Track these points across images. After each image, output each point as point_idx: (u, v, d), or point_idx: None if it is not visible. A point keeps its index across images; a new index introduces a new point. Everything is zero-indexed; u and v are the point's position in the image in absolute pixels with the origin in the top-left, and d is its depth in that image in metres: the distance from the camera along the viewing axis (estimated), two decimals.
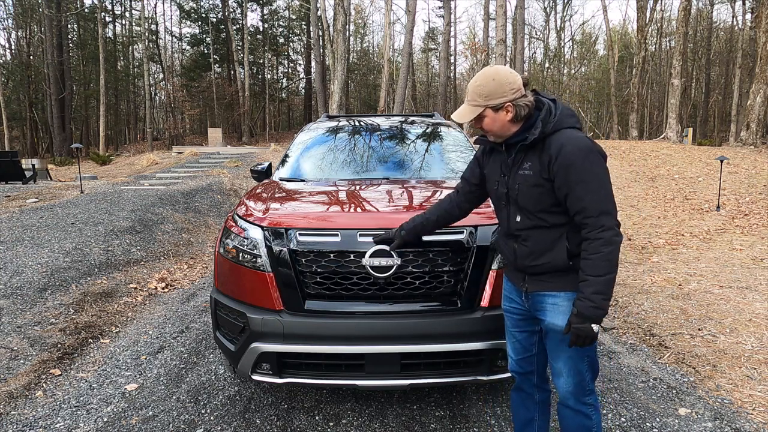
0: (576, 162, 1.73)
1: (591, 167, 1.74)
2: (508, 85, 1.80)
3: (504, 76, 1.81)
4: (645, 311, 4.38)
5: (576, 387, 1.95)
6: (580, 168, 1.73)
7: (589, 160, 1.74)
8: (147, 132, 29.15)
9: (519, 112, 1.82)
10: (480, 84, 1.83)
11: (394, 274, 2.32)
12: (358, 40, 45.48)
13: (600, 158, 1.77)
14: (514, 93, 1.81)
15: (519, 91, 1.82)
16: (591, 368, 1.96)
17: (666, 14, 35.32)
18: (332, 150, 3.90)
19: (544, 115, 1.83)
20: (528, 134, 1.84)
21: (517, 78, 1.83)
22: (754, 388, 3.03)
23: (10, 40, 33.98)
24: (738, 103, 26.13)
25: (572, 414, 1.99)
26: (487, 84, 1.81)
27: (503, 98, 1.80)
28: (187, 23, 38.11)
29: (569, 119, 1.84)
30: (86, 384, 3.19)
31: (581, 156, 1.73)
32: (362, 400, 2.91)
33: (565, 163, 1.74)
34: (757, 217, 8.34)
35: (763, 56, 16.58)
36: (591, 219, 1.73)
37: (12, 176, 12.18)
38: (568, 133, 1.79)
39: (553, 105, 1.87)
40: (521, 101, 1.82)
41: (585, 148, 1.75)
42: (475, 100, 1.84)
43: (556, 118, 1.82)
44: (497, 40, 21.55)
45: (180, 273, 5.95)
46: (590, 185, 1.73)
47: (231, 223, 2.72)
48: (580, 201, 1.74)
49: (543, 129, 1.81)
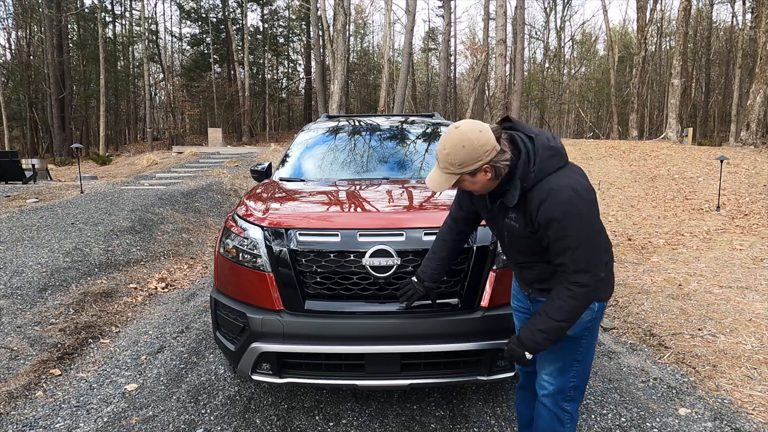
0: (555, 218, 1.66)
1: (571, 223, 1.66)
2: (480, 148, 1.66)
3: (474, 140, 1.66)
4: (645, 311, 4.38)
5: (557, 389, 1.95)
6: (558, 226, 1.67)
7: (569, 216, 1.66)
8: (147, 132, 29.14)
9: (498, 173, 1.71)
10: (449, 153, 1.69)
11: (394, 274, 2.32)
12: (358, 40, 45.50)
13: (582, 210, 1.67)
14: (489, 154, 1.67)
15: (494, 149, 1.67)
16: (578, 377, 1.96)
17: (666, 14, 35.34)
18: (332, 150, 3.90)
19: (522, 170, 1.70)
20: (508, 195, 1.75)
21: (488, 137, 1.67)
22: (754, 388, 3.03)
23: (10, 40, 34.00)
24: (738, 103, 26.12)
25: (547, 413, 1.99)
26: (458, 153, 1.67)
27: (479, 162, 1.67)
28: (187, 23, 38.12)
29: (549, 162, 1.72)
30: (86, 384, 3.19)
31: (561, 212, 1.65)
32: (362, 400, 2.91)
33: (545, 219, 1.68)
34: (757, 217, 8.34)
35: (763, 56, 16.58)
36: (568, 274, 1.72)
37: (12, 176, 12.17)
38: (550, 183, 1.69)
39: (531, 148, 1.72)
40: (500, 162, 1.69)
41: (566, 202, 1.65)
42: (448, 168, 1.71)
43: (536, 167, 1.69)
44: (497, 40, 21.55)
45: (180, 273, 5.95)
46: (569, 242, 1.68)
47: (231, 223, 2.72)
48: (560, 256, 1.72)
49: (523, 185, 1.71)
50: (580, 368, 1.96)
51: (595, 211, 1.73)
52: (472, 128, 1.69)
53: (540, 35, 41.26)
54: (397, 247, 2.31)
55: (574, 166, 1.79)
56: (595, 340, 1.99)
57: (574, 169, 1.78)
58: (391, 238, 2.34)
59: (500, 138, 1.72)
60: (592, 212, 1.71)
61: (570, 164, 1.78)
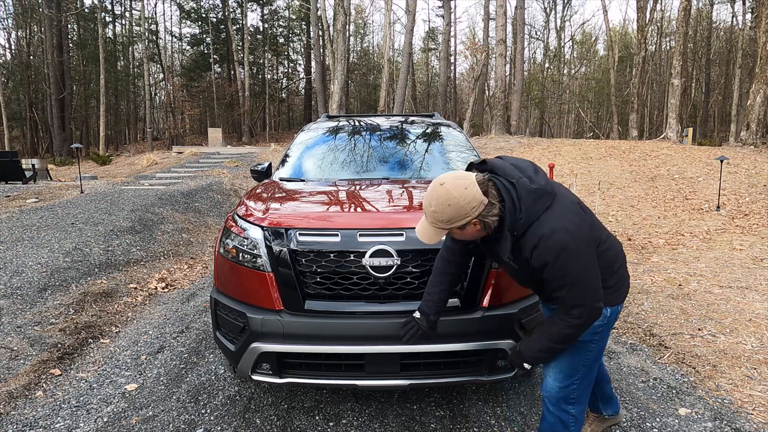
0: (549, 262, 1.70)
1: (565, 264, 1.69)
2: (467, 205, 1.65)
3: (460, 198, 1.65)
4: (645, 311, 4.38)
5: (560, 391, 1.95)
6: (553, 268, 1.71)
7: (563, 258, 1.68)
8: (147, 132, 29.13)
9: (488, 226, 1.72)
10: (436, 211, 1.69)
11: (394, 274, 2.32)
12: (358, 40, 45.50)
13: (575, 251, 1.69)
14: (477, 209, 1.67)
15: (481, 204, 1.67)
16: (584, 380, 1.97)
17: (666, 14, 35.33)
18: (332, 150, 3.90)
19: (509, 220, 1.71)
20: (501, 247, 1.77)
21: (474, 193, 1.66)
22: (754, 388, 3.03)
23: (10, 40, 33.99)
24: (738, 103, 26.12)
25: (550, 417, 2.01)
26: (444, 211, 1.68)
27: (467, 218, 1.68)
28: (187, 23, 38.12)
29: (535, 206, 1.71)
30: (86, 384, 3.19)
31: (554, 255, 1.68)
32: (362, 400, 2.91)
33: (540, 264, 1.72)
34: (757, 217, 8.34)
35: (763, 56, 16.58)
36: (564, 307, 1.79)
37: (12, 176, 12.17)
38: (539, 229, 1.70)
39: (515, 194, 1.71)
40: (488, 217, 1.69)
41: (558, 246, 1.67)
42: (437, 223, 1.72)
43: (522, 214, 1.70)
44: (497, 40, 21.54)
45: (180, 273, 5.95)
46: (565, 281, 1.72)
47: (231, 223, 2.72)
48: (556, 292, 1.78)
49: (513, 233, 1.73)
50: (587, 372, 1.97)
51: (589, 248, 1.75)
52: (457, 185, 1.67)
53: (540, 35, 41.28)
54: (397, 247, 2.31)
55: (562, 199, 1.77)
56: (604, 343, 2.01)
57: (562, 203, 1.76)
58: (391, 238, 2.34)
59: (488, 191, 1.70)
60: (585, 249, 1.73)
61: (558, 198, 1.76)
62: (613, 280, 1.92)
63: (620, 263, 1.97)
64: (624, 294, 1.98)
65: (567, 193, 1.83)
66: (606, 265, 1.87)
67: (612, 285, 1.91)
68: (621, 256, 1.99)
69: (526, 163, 1.85)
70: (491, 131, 22.68)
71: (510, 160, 1.85)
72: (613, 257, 1.93)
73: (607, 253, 1.90)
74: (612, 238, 1.99)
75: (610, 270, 1.91)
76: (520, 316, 2.38)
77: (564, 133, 43.63)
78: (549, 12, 39.80)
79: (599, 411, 2.45)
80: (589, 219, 1.83)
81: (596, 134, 35.00)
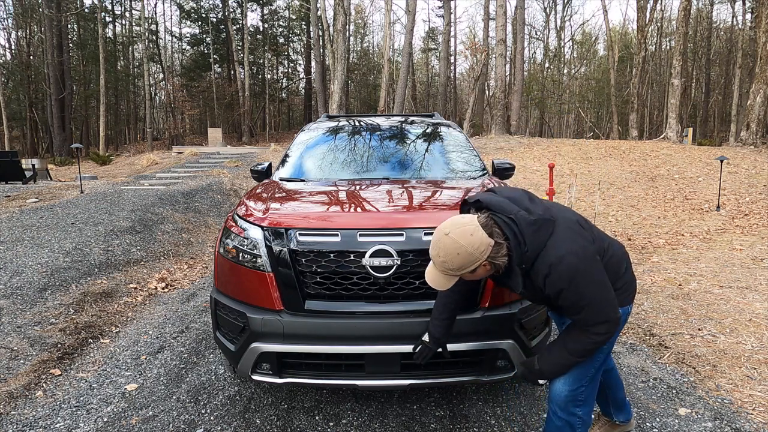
0: (564, 288, 1.71)
1: (580, 287, 1.71)
2: (475, 251, 1.66)
3: (467, 245, 1.66)
4: (645, 311, 4.38)
5: (569, 394, 1.96)
6: (568, 293, 1.72)
7: (576, 283, 1.70)
8: (147, 132, 29.13)
9: (497, 267, 1.74)
10: (445, 261, 1.70)
11: (394, 274, 2.32)
12: (358, 40, 45.50)
13: (586, 272, 1.71)
14: (485, 253, 1.67)
15: (489, 247, 1.67)
16: (591, 382, 1.99)
17: (666, 14, 35.34)
18: (332, 150, 3.90)
19: (517, 255, 1.71)
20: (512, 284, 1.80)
21: (480, 238, 1.66)
22: (754, 388, 3.03)
23: (10, 40, 33.99)
24: (738, 103, 26.12)
25: (557, 419, 2.01)
26: (453, 260, 1.68)
27: (477, 263, 1.68)
28: (187, 23, 38.13)
29: (538, 237, 1.71)
30: (86, 384, 3.19)
31: (567, 281, 1.69)
32: (362, 400, 2.91)
33: (554, 291, 1.73)
34: (757, 217, 8.34)
35: (763, 56, 16.58)
36: (588, 326, 1.80)
37: (12, 176, 12.17)
38: (547, 258, 1.70)
39: (516, 229, 1.71)
40: (498, 258, 1.70)
41: (569, 272, 1.68)
42: (447, 271, 1.73)
43: (528, 246, 1.70)
44: (497, 40, 21.54)
45: (180, 273, 5.95)
46: (583, 303, 1.74)
47: (231, 223, 2.72)
48: (575, 315, 1.80)
49: (522, 267, 1.74)
50: (595, 374, 1.98)
51: (598, 265, 1.77)
52: (462, 233, 1.67)
53: (540, 35, 41.28)
54: (397, 247, 2.31)
55: (563, 222, 1.77)
56: (613, 344, 2.03)
57: (564, 226, 1.76)
58: (391, 238, 2.34)
59: (492, 232, 1.70)
60: (595, 268, 1.75)
61: (558, 223, 1.76)
62: (620, 282, 1.95)
63: (626, 266, 2.00)
64: (632, 294, 2.01)
65: (566, 213, 1.85)
66: (613, 272, 1.90)
67: (620, 287, 1.94)
68: (625, 259, 2.02)
69: (520, 192, 1.86)
70: (491, 131, 22.68)
71: (504, 193, 1.86)
72: (618, 262, 1.96)
73: (612, 260, 1.92)
74: (614, 243, 2.01)
75: (617, 274, 1.94)
76: (520, 316, 2.39)
77: (564, 133, 43.63)
78: (549, 12, 39.82)
79: (611, 416, 2.45)
80: (590, 234, 1.85)
81: (596, 134, 35.00)
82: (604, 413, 2.48)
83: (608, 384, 2.37)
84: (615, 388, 2.39)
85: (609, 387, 2.37)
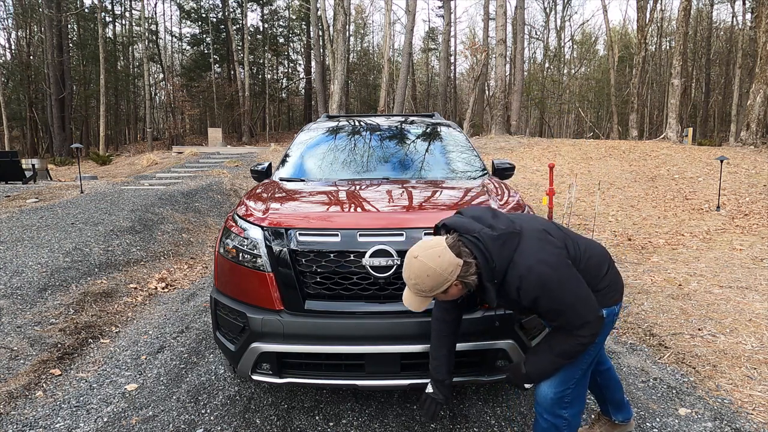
0: (538, 295, 1.74)
1: (554, 292, 1.74)
2: (445, 272, 1.72)
3: (436, 268, 1.72)
4: (645, 311, 4.38)
5: (554, 396, 1.96)
6: (544, 300, 1.75)
7: (549, 290, 1.73)
8: (147, 132, 29.14)
9: (468, 285, 1.79)
10: (416, 283, 1.76)
11: (394, 274, 2.31)
12: (358, 40, 45.50)
13: (557, 278, 1.73)
14: (454, 272, 1.73)
15: (457, 266, 1.73)
16: (578, 384, 1.98)
17: (666, 14, 35.32)
18: (332, 150, 3.90)
19: (486, 272, 1.76)
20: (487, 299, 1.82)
21: (448, 260, 1.72)
22: (754, 388, 3.03)
23: (10, 40, 33.99)
24: (738, 103, 26.12)
25: (543, 420, 2.01)
26: (425, 282, 1.74)
27: (447, 283, 1.74)
28: (187, 23, 38.13)
29: (503, 251, 1.76)
30: (86, 384, 3.19)
31: (539, 288, 1.73)
32: (362, 400, 2.91)
33: (529, 299, 1.76)
34: (757, 217, 8.34)
35: (763, 56, 16.57)
36: (571, 329, 1.83)
37: (12, 176, 12.17)
38: (519, 268, 1.74)
39: (482, 246, 1.76)
40: (468, 277, 1.75)
41: (540, 280, 1.72)
42: (420, 293, 1.79)
43: (495, 262, 1.75)
44: (497, 40, 21.55)
45: (180, 273, 5.95)
46: (560, 307, 1.77)
47: (231, 223, 2.72)
48: (556, 320, 1.83)
49: (494, 281, 1.77)
50: (582, 376, 1.98)
51: (570, 271, 1.79)
52: (431, 256, 1.73)
53: (540, 35, 41.27)
54: (397, 247, 2.31)
55: (528, 233, 1.82)
56: (600, 346, 2.02)
57: (529, 237, 1.80)
58: (391, 238, 2.34)
59: (460, 251, 1.76)
60: (567, 272, 1.78)
61: (524, 234, 1.81)
62: (603, 283, 1.95)
63: (608, 265, 2.00)
64: (618, 294, 1.99)
65: (533, 224, 1.89)
66: (593, 274, 1.92)
67: (602, 288, 1.93)
68: (607, 259, 2.01)
69: (483, 210, 1.92)
70: (491, 131, 22.68)
71: (469, 213, 1.92)
72: (598, 264, 1.96)
73: (590, 262, 1.93)
74: (592, 244, 2.02)
75: (598, 276, 1.94)
76: (520, 316, 2.39)
77: (564, 133, 43.64)
78: (549, 12, 39.81)
79: (609, 416, 2.46)
80: (561, 240, 1.88)
81: (596, 134, 35.01)
82: (603, 412, 2.48)
83: (605, 384, 2.37)
84: (612, 389, 2.39)
85: (606, 387, 2.37)
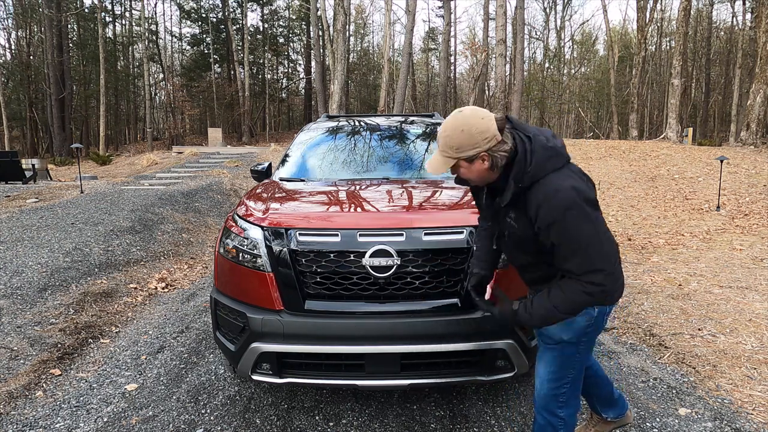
0: (557, 221, 1.62)
1: (573, 225, 1.61)
2: (479, 135, 1.64)
3: (474, 125, 1.64)
4: (645, 311, 4.38)
5: (549, 392, 1.94)
6: (561, 228, 1.62)
7: (571, 217, 1.61)
8: (147, 132, 29.14)
9: (496, 162, 1.69)
10: (448, 135, 1.68)
11: (394, 274, 2.32)
12: (358, 40, 45.50)
13: (583, 210, 1.62)
14: (488, 142, 1.65)
15: (494, 138, 1.65)
16: (572, 383, 1.95)
17: (666, 14, 35.32)
18: (332, 150, 3.90)
19: (517, 169, 1.66)
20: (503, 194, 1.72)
21: (489, 124, 1.66)
22: (754, 388, 3.03)
23: (10, 40, 34.00)
24: (738, 103, 26.13)
25: (540, 418, 1.99)
26: (456, 136, 1.66)
27: (476, 149, 1.66)
28: (187, 23, 38.13)
29: (547, 163, 1.67)
30: (86, 384, 3.19)
31: (561, 214, 1.61)
32: (362, 400, 2.91)
33: (546, 222, 1.64)
34: (757, 217, 8.34)
35: (763, 56, 16.58)
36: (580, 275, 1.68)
37: (12, 176, 12.17)
38: (547, 185, 1.64)
39: (528, 148, 1.68)
40: (498, 151, 1.67)
41: (565, 203, 1.61)
42: (446, 151, 1.70)
43: (532, 167, 1.65)
44: (497, 40, 21.55)
45: (180, 273, 5.95)
46: (573, 245, 1.64)
47: (231, 223, 2.72)
48: (566, 261, 1.68)
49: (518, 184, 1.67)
50: (576, 375, 1.96)
51: (597, 213, 1.69)
52: (474, 114, 1.68)
53: (540, 35, 41.28)
54: (397, 247, 2.31)
55: (573, 167, 1.76)
56: (592, 345, 1.97)
57: (573, 169, 1.74)
58: (391, 238, 2.34)
59: (503, 129, 1.70)
60: (594, 213, 1.67)
61: (569, 164, 1.75)
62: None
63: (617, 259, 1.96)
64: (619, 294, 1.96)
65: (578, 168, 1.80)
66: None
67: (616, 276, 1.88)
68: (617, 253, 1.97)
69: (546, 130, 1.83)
70: None
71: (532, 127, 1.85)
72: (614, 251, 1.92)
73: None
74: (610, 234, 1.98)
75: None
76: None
77: (564, 133, 43.62)
78: (549, 12, 39.82)
79: (599, 413, 2.45)
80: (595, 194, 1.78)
81: (596, 134, 35.01)
82: (593, 410, 2.46)
83: (587, 382, 2.33)
84: (597, 386, 2.34)
85: (592, 386, 2.32)
